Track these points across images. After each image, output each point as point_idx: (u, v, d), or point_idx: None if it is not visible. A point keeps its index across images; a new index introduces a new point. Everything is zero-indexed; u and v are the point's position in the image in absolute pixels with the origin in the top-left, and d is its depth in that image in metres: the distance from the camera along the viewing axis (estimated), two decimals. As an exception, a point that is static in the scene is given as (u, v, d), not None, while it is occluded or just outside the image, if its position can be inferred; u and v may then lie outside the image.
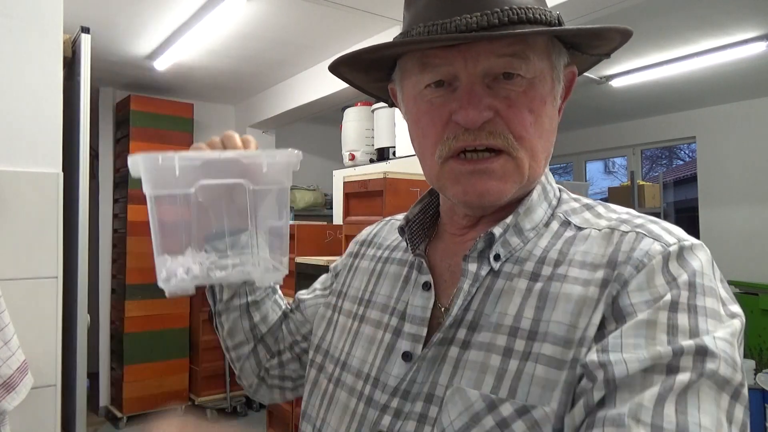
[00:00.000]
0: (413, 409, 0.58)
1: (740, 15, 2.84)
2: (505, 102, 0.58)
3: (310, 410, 0.71)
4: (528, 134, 0.59)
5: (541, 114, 0.60)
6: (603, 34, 0.61)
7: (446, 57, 0.59)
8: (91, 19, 2.86)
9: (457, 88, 0.59)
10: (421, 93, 0.62)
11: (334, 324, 0.75)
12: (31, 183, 1.57)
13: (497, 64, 0.58)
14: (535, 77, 0.59)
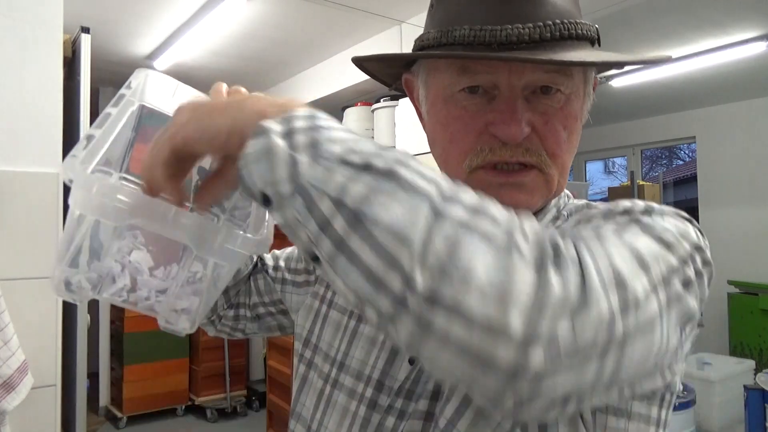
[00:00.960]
0: (417, 407, 0.58)
1: (740, 15, 2.84)
2: (543, 118, 0.58)
3: (304, 411, 0.70)
4: (561, 151, 0.59)
5: (573, 131, 0.60)
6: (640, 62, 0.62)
7: (491, 65, 0.57)
8: (91, 19, 2.87)
9: (495, 97, 0.58)
10: (454, 96, 0.59)
11: (325, 318, 0.72)
12: (31, 183, 1.57)
13: (542, 78, 0.57)
14: (572, 93, 0.59)
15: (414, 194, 0.40)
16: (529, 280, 0.38)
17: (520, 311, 0.37)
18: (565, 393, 0.40)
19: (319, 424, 0.66)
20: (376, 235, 0.39)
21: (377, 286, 0.39)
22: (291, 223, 0.43)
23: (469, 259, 0.38)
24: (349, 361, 0.66)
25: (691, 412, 2.28)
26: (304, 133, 0.44)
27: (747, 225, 4.37)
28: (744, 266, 4.22)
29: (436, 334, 0.38)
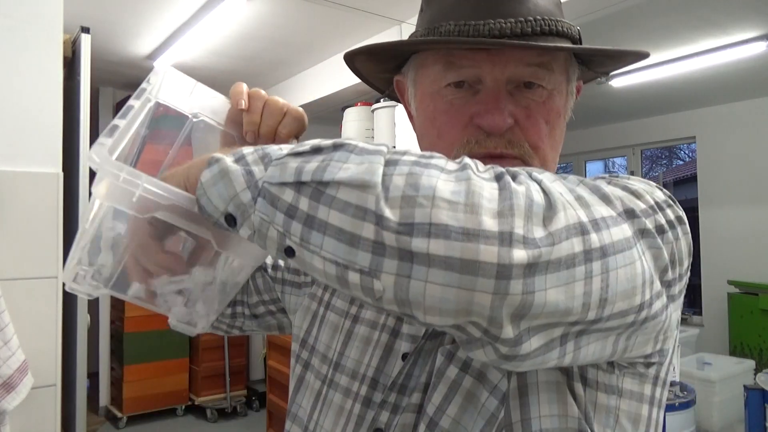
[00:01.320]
0: (411, 401, 0.58)
1: (740, 15, 2.84)
2: (525, 111, 0.59)
3: (300, 412, 0.70)
4: (543, 145, 0.60)
5: (555, 126, 0.62)
6: (620, 57, 0.62)
7: (474, 59, 0.59)
8: (91, 19, 2.87)
9: (479, 91, 0.59)
10: (440, 91, 0.61)
11: (323, 320, 0.73)
12: (31, 183, 1.57)
13: (524, 72, 0.59)
14: (554, 89, 0.61)
15: (365, 153, 0.43)
16: (492, 188, 0.41)
17: (491, 213, 0.39)
18: (558, 309, 0.40)
19: (315, 424, 0.66)
20: (339, 196, 0.41)
21: (352, 242, 0.40)
22: (259, 227, 0.44)
23: (430, 183, 0.40)
24: (345, 361, 0.66)
25: (691, 412, 2.28)
26: (253, 154, 0.46)
27: (747, 225, 4.37)
28: (744, 266, 4.21)
29: (420, 260, 0.39)
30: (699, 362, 2.92)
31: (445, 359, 0.56)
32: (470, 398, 0.54)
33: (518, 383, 0.53)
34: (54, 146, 1.62)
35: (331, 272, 0.42)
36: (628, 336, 0.48)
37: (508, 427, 0.52)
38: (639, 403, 0.55)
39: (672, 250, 0.48)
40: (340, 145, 0.45)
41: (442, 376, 0.56)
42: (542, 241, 0.39)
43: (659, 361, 0.56)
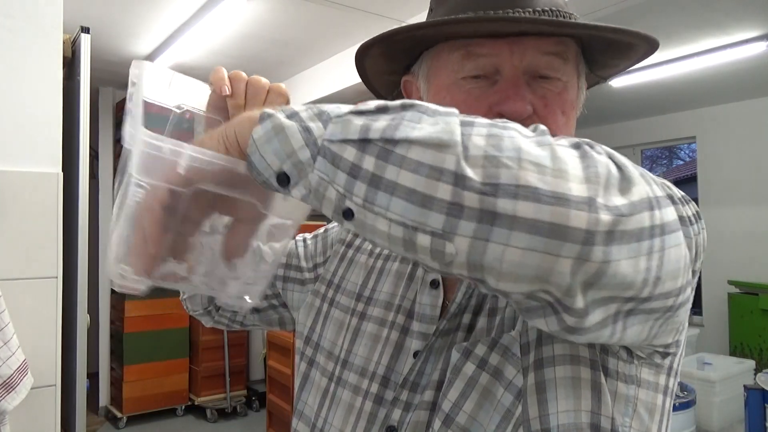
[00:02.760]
0: (423, 398, 0.59)
1: (740, 15, 2.84)
2: (542, 101, 0.60)
3: (306, 410, 0.70)
4: (559, 134, 0.60)
5: (570, 117, 0.62)
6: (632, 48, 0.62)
7: (494, 47, 0.59)
8: (91, 19, 2.87)
9: (497, 81, 0.60)
10: (458, 83, 0.61)
11: (328, 317, 0.73)
12: (31, 183, 1.57)
13: (541, 61, 0.59)
14: (569, 81, 0.61)
15: (437, 114, 0.42)
16: (573, 155, 0.40)
17: (578, 179, 0.39)
18: (624, 281, 0.41)
19: (323, 422, 0.66)
20: (412, 155, 0.39)
21: (424, 203, 0.39)
22: (316, 186, 0.42)
23: (513, 144, 0.39)
24: (353, 359, 0.66)
25: (691, 412, 2.28)
26: (307, 111, 0.44)
27: (747, 225, 4.37)
28: (744, 266, 4.21)
29: (502, 222, 0.38)
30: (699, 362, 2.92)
31: (461, 356, 0.57)
32: (486, 395, 0.55)
33: (536, 380, 0.54)
34: (54, 146, 1.62)
35: (397, 235, 0.40)
36: (663, 321, 0.49)
37: (526, 423, 0.52)
38: (655, 392, 0.56)
39: (697, 242, 0.49)
40: (410, 105, 0.43)
41: (459, 373, 0.56)
42: (621, 209, 0.40)
43: (675, 351, 0.57)
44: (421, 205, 0.39)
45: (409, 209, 0.39)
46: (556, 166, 0.39)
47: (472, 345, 0.57)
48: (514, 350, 0.55)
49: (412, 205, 0.39)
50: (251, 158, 0.44)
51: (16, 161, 1.56)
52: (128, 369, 4.07)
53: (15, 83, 1.57)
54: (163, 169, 0.46)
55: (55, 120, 1.63)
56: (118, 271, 0.50)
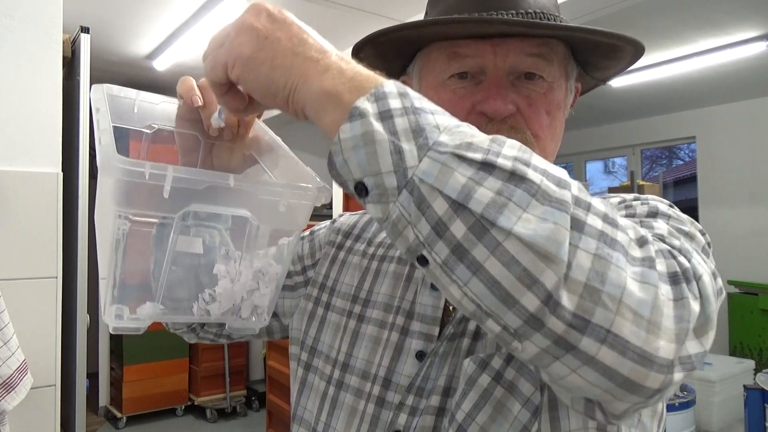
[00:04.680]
0: (429, 403, 0.59)
1: (740, 15, 2.84)
2: (527, 101, 0.60)
3: (306, 414, 0.69)
4: (544, 134, 0.61)
5: (556, 118, 0.63)
6: (618, 50, 0.63)
7: (477, 48, 0.60)
8: (90, 19, 2.86)
9: (482, 81, 0.61)
10: (445, 83, 0.62)
11: (323, 321, 0.72)
12: (31, 183, 1.57)
13: (524, 62, 0.60)
14: (554, 82, 0.62)
15: (548, 203, 0.37)
16: (670, 299, 0.39)
17: (668, 337, 0.38)
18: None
19: (325, 426, 0.66)
20: (509, 248, 0.36)
21: (506, 301, 0.36)
22: (395, 220, 0.39)
23: (618, 279, 0.37)
24: (353, 362, 0.66)
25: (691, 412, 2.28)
26: (403, 116, 0.40)
27: (747, 225, 4.36)
28: (744, 266, 4.21)
29: (579, 356, 0.37)
30: (699, 362, 2.91)
31: (477, 367, 0.57)
32: (500, 408, 0.55)
33: (549, 397, 0.54)
34: (54, 146, 1.62)
35: (468, 308, 0.39)
36: None
37: None
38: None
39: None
40: (521, 178, 0.37)
41: (474, 384, 0.56)
42: (694, 362, 0.40)
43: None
44: (502, 301, 0.37)
45: (487, 296, 0.37)
46: (653, 318, 0.37)
47: (488, 357, 0.57)
48: (530, 366, 0.55)
49: (491, 295, 0.37)
50: (333, 157, 0.41)
51: (16, 161, 1.56)
52: (128, 369, 4.07)
53: (15, 83, 1.57)
54: (146, 196, 0.42)
55: (55, 120, 1.63)
56: (114, 313, 0.47)
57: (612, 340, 0.36)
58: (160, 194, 0.42)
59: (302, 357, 0.73)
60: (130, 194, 0.42)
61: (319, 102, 0.43)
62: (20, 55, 1.58)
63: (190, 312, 0.51)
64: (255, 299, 0.53)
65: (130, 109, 0.59)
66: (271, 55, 0.45)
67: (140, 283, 0.53)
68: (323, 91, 0.43)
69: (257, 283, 0.53)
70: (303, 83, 0.44)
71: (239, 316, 0.53)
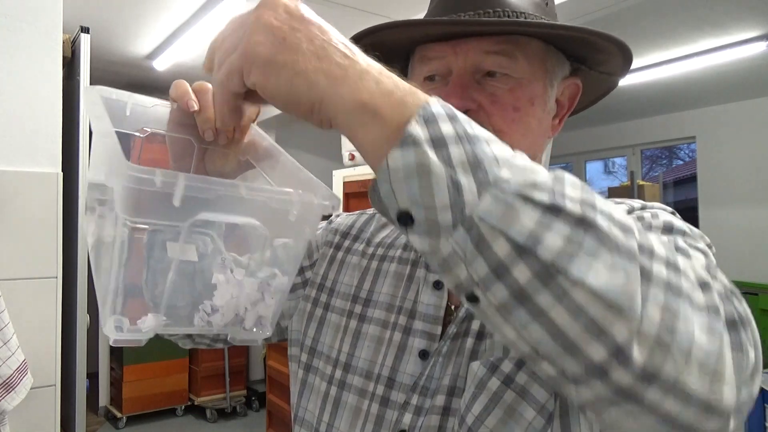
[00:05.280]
0: (434, 403, 0.59)
1: (740, 15, 2.84)
2: (490, 98, 0.61)
3: (307, 415, 0.69)
4: (509, 130, 0.61)
5: (527, 113, 0.62)
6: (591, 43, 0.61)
7: (440, 50, 0.62)
8: (90, 19, 2.86)
9: (450, 82, 0.62)
10: (422, 84, 0.64)
11: (322, 322, 0.72)
12: (30, 183, 1.57)
13: (485, 60, 0.61)
14: (523, 78, 0.61)
15: (617, 252, 0.36)
16: (730, 348, 0.38)
17: (731, 385, 0.38)
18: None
19: (328, 426, 0.66)
20: (577, 298, 0.34)
21: (569, 350, 0.35)
22: (447, 257, 0.37)
23: (687, 330, 0.36)
24: (356, 362, 0.66)
25: None
26: (458, 144, 0.37)
27: (747, 225, 4.37)
28: (744, 266, 4.21)
29: (642, 405, 0.36)
30: (699, 362, 2.92)
31: (487, 371, 0.56)
32: (511, 413, 0.54)
33: (560, 403, 0.54)
34: (53, 146, 1.62)
35: (522, 349, 0.37)
36: None
37: None
38: None
39: None
40: (590, 224, 0.35)
41: (484, 387, 0.56)
42: (744, 406, 0.40)
43: None
44: (564, 349, 0.35)
45: (547, 343, 0.36)
46: (718, 369, 0.37)
47: (498, 360, 0.57)
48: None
49: (552, 343, 0.35)
50: (378, 185, 0.38)
51: (16, 161, 1.56)
52: (128, 369, 4.07)
53: (15, 83, 1.57)
54: (154, 204, 0.40)
55: (55, 120, 1.63)
56: (114, 324, 0.45)
57: (677, 392, 0.36)
58: (168, 202, 0.40)
59: (302, 358, 0.72)
60: (137, 202, 0.40)
61: (354, 116, 0.39)
62: (20, 55, 1.58)
63: (191, 323, 0.49)
64: (260, 310, 0.51)
65: (122, 112, 0.57)
66: (292, 59, 0.40)
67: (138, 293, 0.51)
68: (358, 104, 0.39)
69: (262, 294, 0.51)
70: (332, 92, 0.40)
71: (242, 327, 0.51)
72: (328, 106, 0.40)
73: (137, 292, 0.47)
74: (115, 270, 0.44)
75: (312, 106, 0.41)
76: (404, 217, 0.37)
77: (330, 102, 0.40)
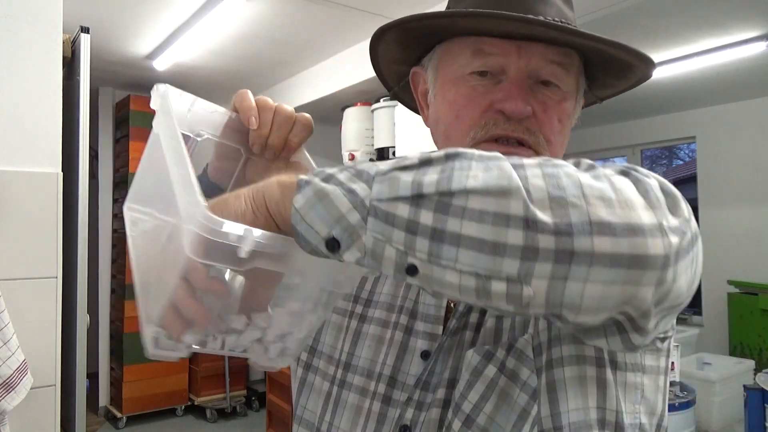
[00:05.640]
0: (436, 396, 0.60)
1: (740, 15, 2.84)
2: (542, 106, 0.62)
3: (308, 415, 0.70)
4: (555, 140, 0.63)
5: (565, 126, 0.64)
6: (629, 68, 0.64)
7: (503, 48, 0.61)
8: (90, 19, 2.86)
9: (502, 81, 0.62)
10: (464, 77, 0.63)
11: (324, 322, 0.72)
12: (30, 183, 1.57)
13: (545, 68, 0.61)
14: (568, 92, 0.63)
15: (486, 159, 0.41)
16: (628, 183, 0.41)
17: (643, 207, 0.40)
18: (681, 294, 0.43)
19: (329, 425, 0.66)
20: (473, 205, 0.39)
21: (496, 250, 0.38)
22: (373, 247, 0.41)
23: (573, 181, 0.40)
24: (356, 361, 0.66)
25: (691, 412, 2.28)
26: (342, 172, 0.43)
27: (747, 225, 4.36)
28: (744, 266, 4.21)
29: (580, 260, 0.38)
30: (699, 362, 2.92)
31: (483, 359, 0.58)
32: (504, 397, 0.56)
33: (547, 380, 0.55)
34: (53, 146, 1.62)
35: (468, 285, 0.40)
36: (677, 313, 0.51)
37: (538, 422, 0.54)
38: (657, 375, 0.59)
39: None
40: (455, 155, 0.42)
41: (480, 375, 0.57)
42: (681, 228, 0.42)
43: (671, 334, 0.60)
44: (492, 253, 0.38)
45: (479, 258, 0.39)
46: (621, 197, 0.40)
47: (494, 348, 0.58)
48: (528, 353, 0.57)
49: (482, 255, 0.39)
50: (296, 227, 0.42)
51: (16, 161, 1.56)
52: (128, 369, 4.07)
53: (15, 83, 1.57)
54: (223, 251, 0.42)
55: (55, 120, 1.63)
56: (152, 334, 0.47)
57: (598, 228, 0.38)
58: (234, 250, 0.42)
59: (302, 357, 0.73)
60: (206, 247, 0.42)
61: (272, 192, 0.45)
62: (20, 55, 1.58)
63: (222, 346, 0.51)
64: (287, 342, 0.53)
65: (183, 114, 0.59)
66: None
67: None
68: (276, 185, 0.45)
69: (292, 328, 0.53)
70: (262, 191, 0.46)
71: (267, 356, 0.53)
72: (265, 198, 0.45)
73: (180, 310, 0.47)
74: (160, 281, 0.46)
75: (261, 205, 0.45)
76: (332, 244, 0.41)
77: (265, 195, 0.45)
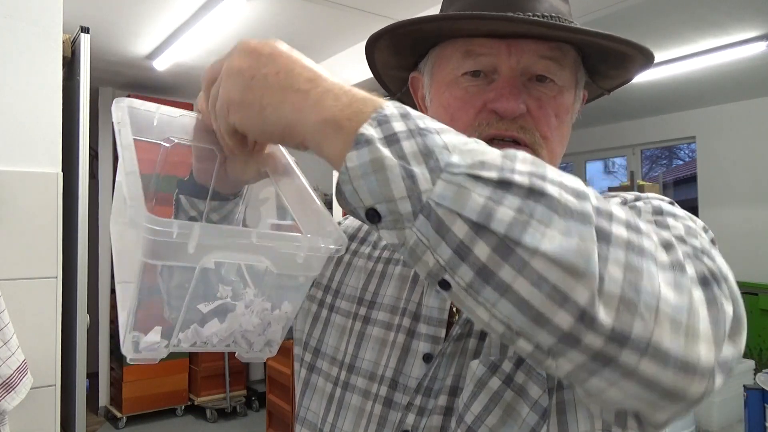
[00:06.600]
0: (437, 403, 0.59)
1: (740, 15, 2.84)
2: (537, 102, 0.61)
3: (310, 415, 0.69)
4: (551, 136, 0.62)
5: (564, 121, 0.63)
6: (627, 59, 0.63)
7: (493, 47, 0.60)
8: (90, 19, 2.86)
9: (494, 80, 0.61)
10: (457, 80, 0.63)
11: (327, 323, 0.72)
12: (30, 183, 1.57)
13: (537, 64, 0.61)
14: (564, 86, 0.63)
15: (571, 217, 0.36)
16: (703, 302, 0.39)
17: (707, 340, 0.38)
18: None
19: (331, 427, 0.66)
20: (536, 267, 0.35)
21: (538, 321, 0.36)
22: (413, 246, 0.38)
23: (652, 287, 0.37)
24: (359, 363, 0.66)
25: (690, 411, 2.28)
26: (409, 139, 0.39)
27: (747, 225, 4.36)
28: (744, 266, 4.21)
29: (619, 369, 0.36)
30: (699, 362, 2.92)
31: (488, 370, 0.57)
32: (510, 411, 0.55)
33: (557, 400, 0.54)
34: (53, 146, 1.62)
35: (497, 328, 0.38)
36: None
37: None
38: None
39: None
40: (540, 193, 0.37)
41: (484, 387, 0.56)
42: (730, 364, 0.40)
43: None
44: (533, 320, 0.36)
45: (517, 317, 0.36)
46: (691, 324, 0.37)
47: (499, 359, 0.57)
48: (540, 370, 0.55)
49: (522, 315, 0.36)
50: (342, 187, 0.40)
51: (16, 161, 1.56)
52: (128, 369, 4.07)
53: (15, 83, 1.57)
54: (173, 249, 0.44)
55: (55, 120, 1.63)
56: (132, 340, 0.49)
57: (653, 351, 0.36)
58: (185, 247, 0.44)
59: (305, 358, 0.73)
60: (156, 247, 0.43)
61: (319, 133, 0.42)
62: (20, 55, 1.58)
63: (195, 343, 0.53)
64: (268, 335, 0.55)
65: (150, 122, 0.60)
66: (259, 95, 0.45)
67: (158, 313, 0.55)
68: (321, 122, 0.42)
69: (269, 322, 0.54)
70: (297, 117, 0.43)
71: (252, 349, 0.55)
72: (295, 130, 0.44)
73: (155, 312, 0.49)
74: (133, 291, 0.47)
75: (283, 133, 0.45)
76: (372, 214, 0.39)
77: (296, 127, 0.43)
